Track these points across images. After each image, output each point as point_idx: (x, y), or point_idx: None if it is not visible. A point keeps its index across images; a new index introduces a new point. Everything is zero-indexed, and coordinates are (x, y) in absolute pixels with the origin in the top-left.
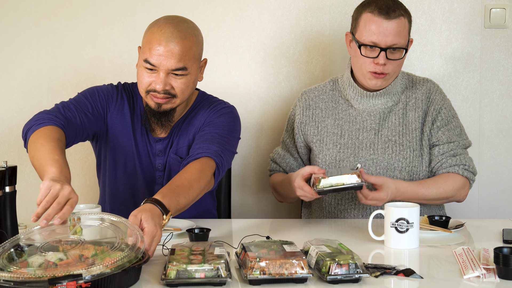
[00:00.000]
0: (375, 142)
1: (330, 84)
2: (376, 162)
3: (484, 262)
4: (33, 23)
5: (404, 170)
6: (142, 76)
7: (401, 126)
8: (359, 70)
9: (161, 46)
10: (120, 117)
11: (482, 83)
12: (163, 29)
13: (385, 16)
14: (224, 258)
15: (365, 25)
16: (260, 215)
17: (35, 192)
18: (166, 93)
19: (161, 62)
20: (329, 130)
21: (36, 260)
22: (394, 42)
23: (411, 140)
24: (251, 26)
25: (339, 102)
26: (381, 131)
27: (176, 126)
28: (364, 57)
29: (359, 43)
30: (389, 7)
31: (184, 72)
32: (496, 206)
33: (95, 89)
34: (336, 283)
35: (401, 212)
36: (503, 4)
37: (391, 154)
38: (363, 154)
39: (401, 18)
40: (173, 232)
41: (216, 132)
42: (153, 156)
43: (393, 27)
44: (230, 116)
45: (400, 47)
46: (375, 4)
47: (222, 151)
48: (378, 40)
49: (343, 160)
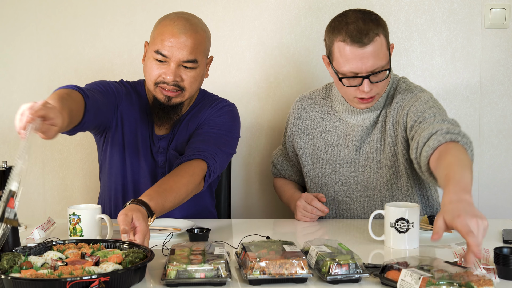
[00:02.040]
0: (356, 159)
1: (323, 91)
2: (357, 180)
3: (484, 262)
4: (33, 23)
5: (383, 189)
6: (152, 68)
7: (379, 142)
8: (345, 95)
9: (174, 38)
10: (130, 112)
11: (482, 83)
12: (176, 22)
13: (359, 43)
14: (224, 258)
15: (341, 55)
16: (260, 215)
17: (35, 192)
18: (175, 85)
19: (173, 53)
20: (315, 143)
21: (37, 260)
22: (375, 67)
23: (386, 157)
24: (251, 26)
25: (329, 113)
26: (362, 147)
27: (178, 123)
28: (346, 86)
29: (339, 74)
30: (361, 32)
31: (194, 65)
32: (496, 206)
33: (104, 82)
34: (336, 283)
35: (401, 212)
36: (503, 4)
37: (369, 172)
38: (343, 171)
39: (376, 39)
40: (173, 232)
41: (214, 132)
42: (156, 153)
43: (370, 52)
44: (230, 115)
45: (382, 69)
46: (345, 30)
47: (216, 153)
48: (358, 69)
49: (325, 176)
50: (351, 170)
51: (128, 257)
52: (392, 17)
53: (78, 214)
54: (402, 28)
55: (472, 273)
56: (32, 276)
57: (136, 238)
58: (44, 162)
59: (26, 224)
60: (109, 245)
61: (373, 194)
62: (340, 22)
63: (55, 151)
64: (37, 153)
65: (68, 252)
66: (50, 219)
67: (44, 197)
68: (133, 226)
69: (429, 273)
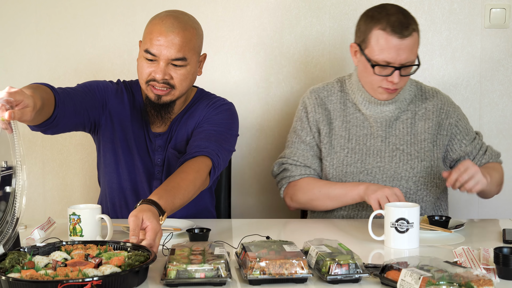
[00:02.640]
0: (382, 150)
1: (338, 85)
2: (383, 170)
3: (484, 262)
4: (33, 23)
5: (410, 180)
6: (142, 67)
7: (409, 136)
8: (369, 84)
9: (162, 36)
10: (120, 110)
11: (482, 83)
12: (164, 20)
13: (399, 35)
14: (224, 258)
15: (377, 43)
16: (260, 215)
17: (35, 192)
18: (165, 83)
19: (161, 51)
20: (337, 132)
21: (41, 260)
22: (408, 60)
23: (419, 150)
24: (251, 26)
25: (347, 105)
26: (388, 138)
27: (175, 121)
28: (375, 75)
29: (372, 62)
30: (402, 24)
31: (183, 63)
32: (496, 206)
33: (92, 81)
34: (336, 283)
35: (401, 212)
36: (503, 4)
37: (398, 163)
38: (369, 160)
39: (413, 34)
40: (173, 232)
41: (214, 129)
42: (152, 151)
43: (407, 45)
44: (228, 113)
45: (412, 63)
46: (386, 20)
47: (219, 149)
48: (393, 60)
49: (350, 164)
50: (377, 160)
51: (129, 260)
52: None
53: (78, 214)
54: None
55: (472, 273)
56: (28, 277)
57: (147, 236)
58: (44, 162)
59: (26, 224)
60: (117, 247)
61: (399, 185)
62: (380, 12)
63: (55, 151)
64: (37, 153)
65: (74, 253)
66: (50, 219)
67: (44, 197)
68: (144, 226)
69: (429, 273)
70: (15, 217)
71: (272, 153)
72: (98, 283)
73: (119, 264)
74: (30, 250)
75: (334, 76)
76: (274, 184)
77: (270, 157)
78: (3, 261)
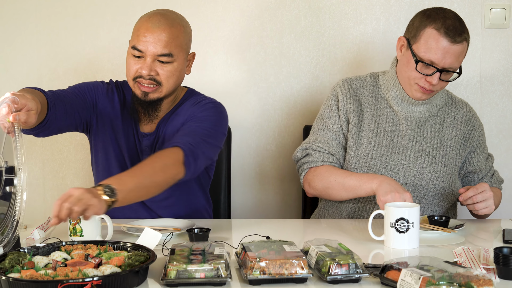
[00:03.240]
0: (409, 149)
1: (371, 79)
2: (406, 169)
3: (484, 262)
4: (33, 23)
5: (431, 183)
6: (130, 64)
7: (436, 140)
8: (406, 79)
9: (148, 32)
10: (110, 110)
11: (482, 83)
12: (151, 17)
13: (451, 39)
14: (224, 258)
15: (427, 41)
16: (260, 215)
17: (35, 192)
18: (151, 79)
19: (147, 47)
20: (366, 124)
21: (41, 260)
22: (452, 66)
23: (444, 155)
24: (251, 26)
25: (379, 99)
26: (416, 138)
27: (162, 121)
28: (416, 71)
29: (417, 58)
30: (457, 30)
31: (169, 59)
32: None
33: (83, 83)
34: (336, 283)
35: (401, 212)
36: (503, 4)
37: (422, 163)
38: (394, 157)
39: (464, 43)
40: (173, 232)
41: (197, 125)
42: (141, 151)
43: (456, 51)
44: (214, 110)
45: (455, 70)
46: (442, 22)
47: (197, 142)
48: (438, 61)
49: (375, 158)
50: (402, 158)
51: (129, 260)
52: (392, 17)
53: None
54: (402, 28)
55: (472, 273)
56: (28, 277)
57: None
58: (44, 162)
59: (26, 224)
60: (117, 247)
61: (419, 185)
62: (437, 13)
63: (55, 151)
64: (37, 153)
65: (74, 253)
66: (50, 219)
67: (44, 197)
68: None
69: (429, 273)
70: (15, 220)
71: (272, 153)
72: (98, 283)
73: (119, 264)
74: (30, 251)
75: (333, 76)
76: (274, 184)
77: (270, 157)
78: (3, 261)
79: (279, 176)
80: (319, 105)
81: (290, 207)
